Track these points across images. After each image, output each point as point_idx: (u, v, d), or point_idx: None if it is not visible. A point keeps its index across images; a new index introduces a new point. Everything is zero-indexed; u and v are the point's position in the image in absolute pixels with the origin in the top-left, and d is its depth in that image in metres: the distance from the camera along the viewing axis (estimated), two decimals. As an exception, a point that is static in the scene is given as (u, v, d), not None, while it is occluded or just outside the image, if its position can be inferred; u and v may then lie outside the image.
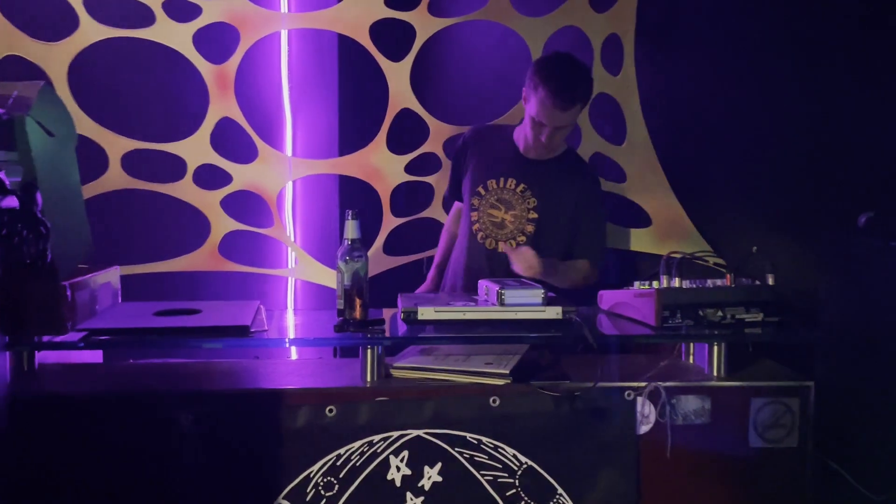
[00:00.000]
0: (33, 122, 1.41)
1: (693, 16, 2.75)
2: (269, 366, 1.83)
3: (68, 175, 1.58)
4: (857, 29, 2.45)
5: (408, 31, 2.86)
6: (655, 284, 1.82)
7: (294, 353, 2.82)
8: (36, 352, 1.68)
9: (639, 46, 2.73)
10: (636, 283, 1.88)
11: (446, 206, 2.82)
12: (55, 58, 2.60)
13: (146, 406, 1.59)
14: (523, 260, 2.10)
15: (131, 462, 1.57)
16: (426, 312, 1.73)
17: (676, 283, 1.77)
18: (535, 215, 2.34)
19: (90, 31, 2.63)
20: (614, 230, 2.80)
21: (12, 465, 1.32)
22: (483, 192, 2.39)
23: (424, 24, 2.86)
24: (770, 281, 1.79)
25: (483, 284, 1.84)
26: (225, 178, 2.89)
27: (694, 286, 1.78)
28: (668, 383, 1.68)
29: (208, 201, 2.88)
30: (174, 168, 2.81)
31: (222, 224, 2.91)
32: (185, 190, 2.84)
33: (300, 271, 3.10)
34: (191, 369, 1.79)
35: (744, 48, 2.67)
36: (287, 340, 1.71)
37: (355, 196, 3.08)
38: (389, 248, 3.00)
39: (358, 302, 1.75)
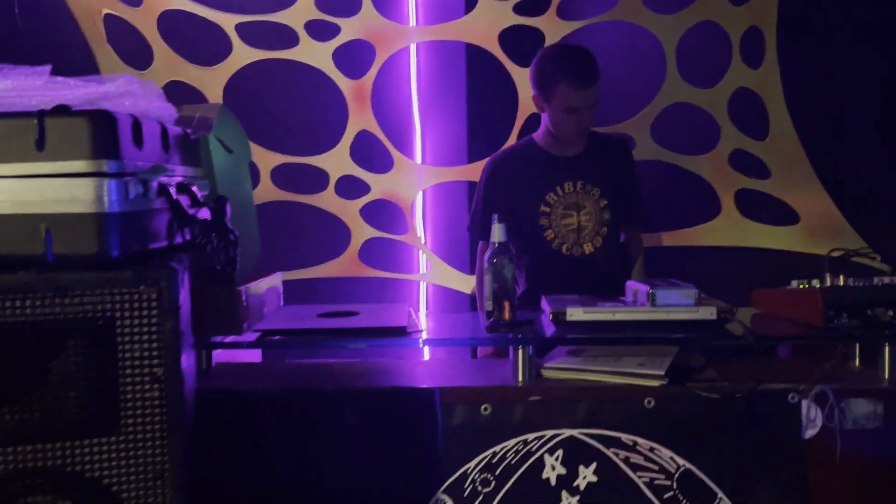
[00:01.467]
0: (215, 141, 1.54)
1: (840, 3, 2.62)
2: (420, 365, 1.90)
3: (243, 188, 1.71)
4: None
5: (537, 37, 2.88)
6: (815, 283, 1.75)
7: (426, 354, 2.88)
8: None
9: (781, 37, 2.63)
10: (794, 283, 1.80)
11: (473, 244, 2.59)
12: (212, 81, 2.81)
13: (311, 401, 1.69)
14: None
15: (295, 453, 1.67)
16: (575, 314, 1.73)
17: (841, 281, 1.69)
18: (606, 202, 2.32)
19: (242, 54, 2.84)
20: (759, 228, 2.71)
21: (196, 453, 1.42)
22: (548, 209, 2.34)
23: (553, 28, 2.88)
24: (946, 277, 1.68)
25: (631, 285, 1.83)
26: (363, 188, 3.02)
27: (860, 284, 1.69)
28: (836, 386, 1.61)
29: (349, 210, 3.03)
30: (318, 180, 2.97)
31: (362, 232, 3.05)
32: (327, 200, 3.00)
33: (432, 276, 3.19)
34: (347, 368, 1.88)
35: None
36: (444, 340, 1.77)
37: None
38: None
39: (507, 303, 1.78)
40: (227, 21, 2.80)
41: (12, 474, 1.10)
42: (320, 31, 2.90)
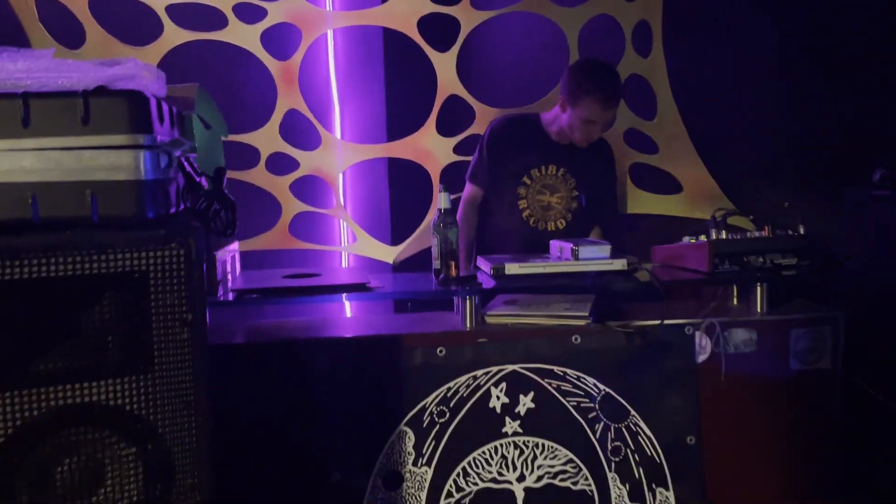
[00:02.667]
0: (196, 118, 1.70)
1: (715, 2, 3.05)
2: (382, 318, 2.13)
3: (218, 161, 1.88)
4: (863, 16, 2.76)
5: (453, 24, 3.14)
6: (703, 238, 2.13)
7: (348, 311, 3.08)
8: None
9: (666, 30, 3.02)
10: (685, 238, 2.18)
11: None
12: (144, 60, 2.84)
13: (287, 351, 1.89)
14: None
15: (273, 397, 1.87)
16: (512, 268, 2.03)
17: (723, 235, 2.08)
18: (577, 192, 2.65)
19: (173, 35, 2.92)
20: (650, 197, 3.12)
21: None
22: (529, 181, 2.65)
23: (468, 17, 3.15)
24: (801, 231, 2.10)
25: (556, 244, 2.15)
26: (293, 165, 3.18)
27: (738, 238, 2.09)
28: (721, 319, 2.00)
29: (279, 186, 3.18)
30: (249, 156, 3.10)
31: (291, 206, 3.21)
32: (258, 176, 3.14)
33: (357, 247, 3.40)
34: (312, 324, 2.10)
35: (762, 24, 2.98)
36: (406, 293, 2.01)
37: (403, 177, 3.38)
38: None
39: (452, 262, 2.05)
40: (158, 2, 2.87)
41: (62, 409, 1.26)
42: (248, 13, 3.02)
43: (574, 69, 2.62)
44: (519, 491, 1.97)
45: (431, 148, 3.23)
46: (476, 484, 1.95)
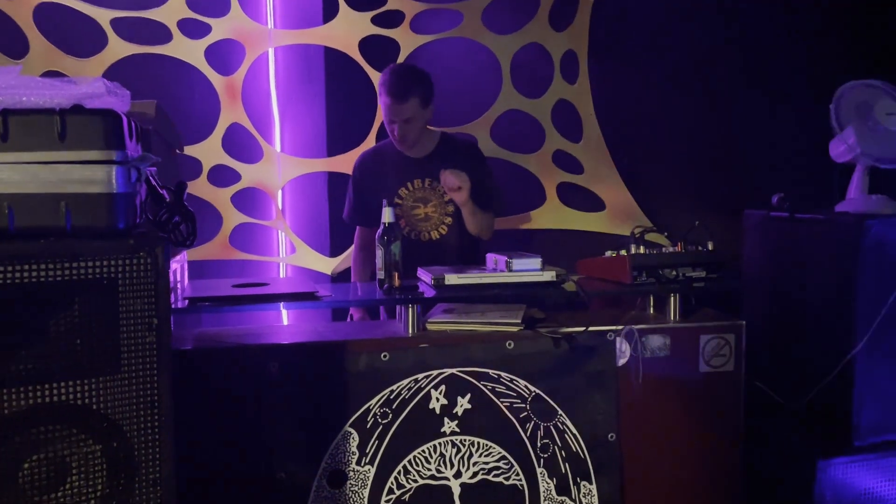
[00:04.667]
0: (155, 133, 1.79)
1: (635, 33, 3.32)
2: (329, 325, 2.24)
3: (173, 174, 1.96)
4: (772, 48, 3.07)
5: (392, 46, 3.30)
6: (623, 252, 2.33)
7: (285, 319, 3.17)
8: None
9: (591, 59, 3.27)
10: (607, 253, 2.38)
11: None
12: (88, 72, 2.91)
13: (237, 356, 1.97)
14: (457, 175, 2.55)
15: (223, 401, 1.95)
16: (452, 279, 2.18)
17: (641, 250, 2.29)
18: (449, 198, 2.73)
19: (117, 48, 2.97)
20: (575, 214, 3.34)
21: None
22: (399, 200, 2.76)
23: (407, 40, 3.32)
24: (710, 247, 2.33)
25: (491, 256, 2.31)
26: (234, 177, 3.26)
27: (654, 252, 2.30)
28: (639, 326, 2.20)
29: (220, 197, 3.25)
30: (191, 168, 3.16)
31: (232, 218, 3.29)
32: (200, 188, 3.20)
33: (296, 258, 3.50)
34: (260, 331, 2.18)
35: (679, 60, 3.26)
36: (352, 301, 2.13)
37: (343, 190, 3.48)
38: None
39: (395, 273, 2.19)
40: (103, 15, 2.92)
41: (31, 408, 1.33)
42: (192, 29, 3.10)
43: None
44: (455, 487, 2.11)
45: (371, 163, 3.36)
46: (416, 481, 2.08)
